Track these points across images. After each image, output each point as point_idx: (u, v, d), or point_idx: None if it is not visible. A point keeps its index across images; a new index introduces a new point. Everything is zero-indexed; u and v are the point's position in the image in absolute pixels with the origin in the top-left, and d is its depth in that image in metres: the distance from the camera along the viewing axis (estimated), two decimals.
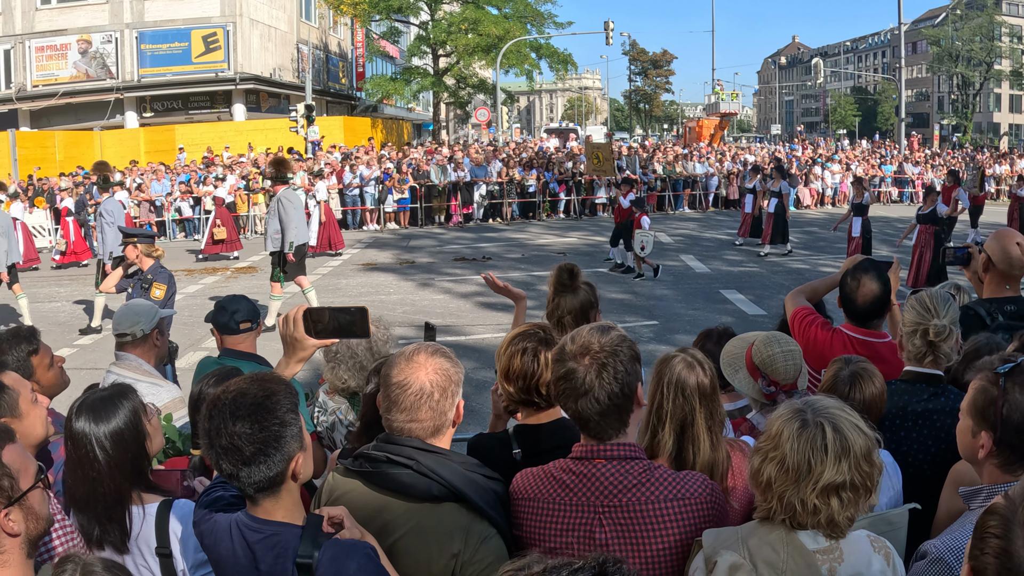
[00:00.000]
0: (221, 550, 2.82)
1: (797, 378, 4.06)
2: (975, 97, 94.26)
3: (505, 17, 50.64)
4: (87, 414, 3.44)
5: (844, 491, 2.58)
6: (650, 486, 2.93)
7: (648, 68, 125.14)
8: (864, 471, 2.60)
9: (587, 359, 2.91)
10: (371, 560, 2.68)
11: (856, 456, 2.59)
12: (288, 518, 2.75)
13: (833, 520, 2.60)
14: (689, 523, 2.92)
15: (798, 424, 2.65)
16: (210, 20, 44.74)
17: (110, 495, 3.40)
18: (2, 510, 2.45)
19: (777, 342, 4.11)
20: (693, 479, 3.00)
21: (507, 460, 3.58)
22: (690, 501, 2.94)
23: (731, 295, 17.96)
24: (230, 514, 2.85)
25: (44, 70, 44.51)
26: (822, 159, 41.41)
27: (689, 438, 3.32)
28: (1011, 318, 4.99)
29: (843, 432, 2.61)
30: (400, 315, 15.69)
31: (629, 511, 2.91)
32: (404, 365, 3.00)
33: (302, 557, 2.62)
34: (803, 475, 2.58)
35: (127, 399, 3.54)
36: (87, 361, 12.82)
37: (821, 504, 2.58)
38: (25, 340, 4.57)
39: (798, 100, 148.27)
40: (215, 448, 2.68)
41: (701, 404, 3.33)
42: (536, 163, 34.81)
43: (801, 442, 2.61)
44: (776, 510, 2.65)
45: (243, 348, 5.29)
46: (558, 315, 5.00)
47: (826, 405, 2.71)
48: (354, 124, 48.87)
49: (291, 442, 2.69)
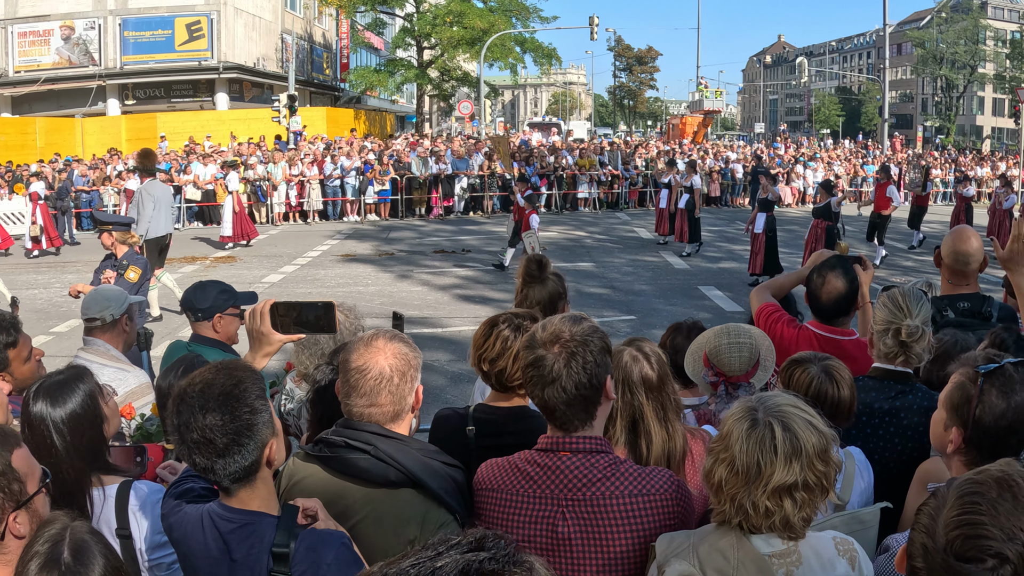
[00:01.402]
0: (191, 543, 2.79)
1: (748, 372, 4.04)
2: (959, 100, 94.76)
3: (490, 10, 50.72)
4: (43, 398, 3.40)
5: (797, 491, 2.51)
6: (615, 480, 2.90)
7: (633, 64, 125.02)
8: (818, 470, 2.53)
9: (556, 347, 2.88)
10: (348, 549, 2.68)
11: (808, 455, 2.51)
12: (263, 507, 2.74)
13: (788, 522, 2.54)
14: (653, 519, 2.90)
15: (748, 424, 2.58)
16: (194, 8, 44.64)
17: (70, 479, 3.37)
18: (11, 513, 2.47)
19: (727, 333, 4.07)
20: (659, 474, 2.97)
21: (461, 436, 3.63)
22: (654, 497, 2.91)
23: (709, 291, 18.03)
24: (201, 505, 2.82)
25: (26, 56, 44.37)
26: (804, 158, 41.53)
27: (641, 432, 3.32)
28: (964, 315, 5.00)
29: (794, 431, 2.53)
30: (377, 306, 15.68)
31: (593, 505, 2.88)
32: (363, 350, 2.99)
33: (278, 547, 2.61)
34: (753, 477, 2.51)
35: (83, 382, 3.50)
36: (62, 349, 12.77)
37: (773, 506, 2.52)
38: (4, 331, 4.49)
39: (782, 99, 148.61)
40: (187, 443, 2.66)
41: (648, 397, 3.33)
42: (518, 156, 34.81)
43: (750, 443, 2.54)
44: (729, 513, 2.59)
45: (210, 335, 5.26)
46: (526, 306, 5.00)
47: (778, 403, 2.63)
48: (337, 115, 48.76)
49: (263, 429, 2.68)
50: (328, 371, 3.66)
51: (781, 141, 53.07)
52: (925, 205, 26.54)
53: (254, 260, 22.52)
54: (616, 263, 21.65)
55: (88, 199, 29.78)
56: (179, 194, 30.36)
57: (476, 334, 3.78)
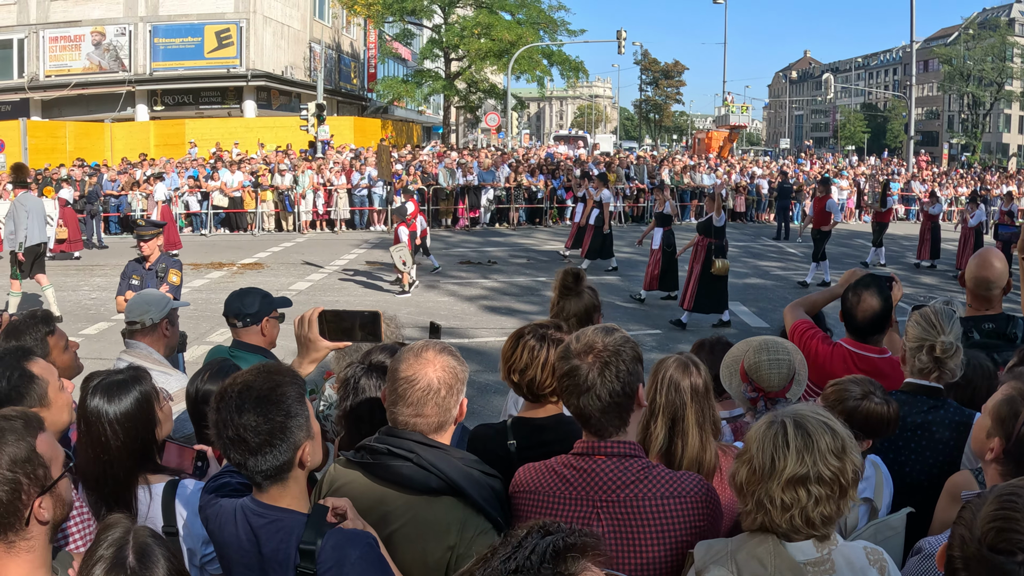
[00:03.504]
0: (225, 534, 2.87)
1: (785, 387, 4.08)
2: (985, 117, 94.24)
3: (518, 23, 50.72)
4: (101, 395, 3.46)
5: (811, 484, 2.57)
6: (648, 483, 2.98)
7: (659, 78, 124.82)
8: (833, 465, 2.59)
9: (591, 357, 2.96)
10: (373, 549, 2.73)
11: (821, 451, 2.59)
12: (293, 505, 2.81)
13: (808, 517, 2.59)
14: (684, 521, 2.96)
15: (764, 426, 2.69)
16: (224, 16, 44.89)
17: (119, 477, 3.43)
18: (36, 498, 2.51)
19: (767, 349, 4.10)
20: (689, 478, 3.05)
21: (503, 451, 3.66)
22: (686, 499, 2.98)
23: (735, 307, 17.93)
24: (235, 499, 2.90)
25: (57, 60, 44.73)
26: (829, 175, 41.36)
27: (679, 432, 3.41)
28: (989, 336, 5.02)
29: (806, 428, 2.63)
30: (404, 316, 15.65)
31: (626, 507, 2.96)
32: (413, 360, 3.04)
33: (305, 543, 2.67)
34: (767, 472, 2.61)
35: (140, 383, 3.56)
36: (92, 351, 12.84)
37: (789, 499, 2.58)
38: (42, 322, 4.67)
39: (808, 115, 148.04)
40: (223, 439, 2.76)
41: (692, 400, 3.43)
42: (544, 169, 34.84)
43: (765, 441, 2.64)
44: (752, 511, 2.67)
45: (252, 341, 5.32)
46: (562, 318, 5.03)
47: (796, 408, 2.74)
48: (364, 125, 48.82)
49: (297, 432, 2.75)
50: (358, 370, 3.70)
51: (806, 157, 52.91)
52: (885, 221, 26.00)
53: (281, 267, 22.60)
54: (641, 276, 21.60)
55: (116, 203, 29.99)
56: (206, 200, 30.55)
57: (504, 347, 3.85)
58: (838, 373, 4.54)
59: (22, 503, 2.47)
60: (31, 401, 3.61)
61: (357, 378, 3.65)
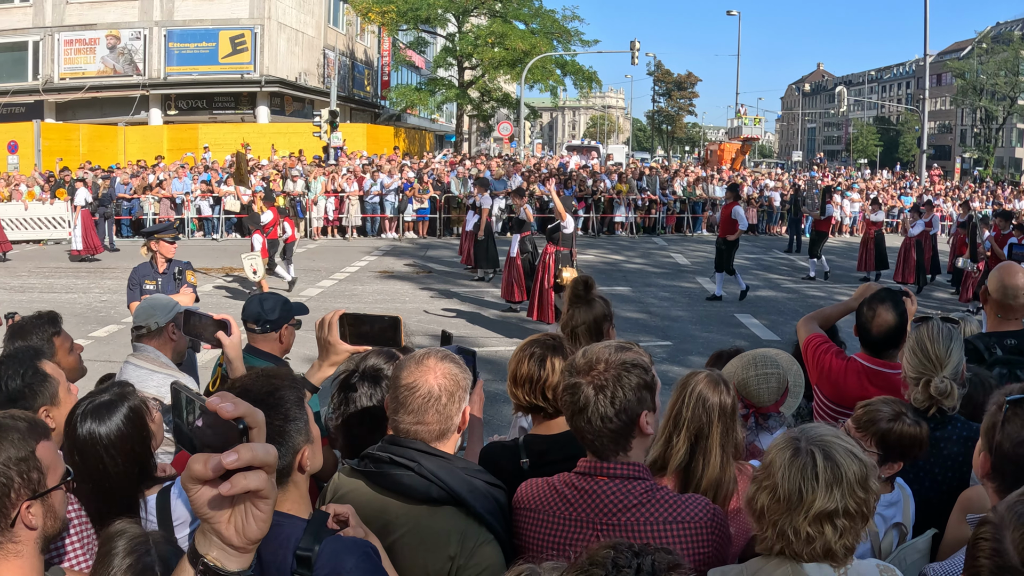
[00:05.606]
0: None
1: (778, 402, 4.03)
2: (998, 131, 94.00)
3: (532, 32, 50.75)
4: (91, 419, 3.41)
5: (837, 518, 2.51)
6: (651, 507, 2.88)
7: (672, 89, 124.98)
8: (859, 497, 2.53)
9: (589, 376, 2.87)
10: (369, 558, 2.69)
11: (849, 482, 2.52)
12: (293, 510, 2.76)
13: (830, 549, 2.53)
14: (689, 547, 2.86)
15: (790, 453, 2.59)
16: (238, 22, 45.02)
17: (122, 503, 3.39)
18: (26, 502, 2.49)
19: (754, 364, 4.07)
20: (695, 502, 2.95)
21: (516, 469, 3.60)
22: (691, 525, 2.88)
23: (746, 319, 17.93)
24: None
25: (72, 63, 44.93)
26: (841, 187, 41.27)
27: (702, 449, 3.33)
28: (1011, 352, 4.95)
29: (835, 459, 2.54)
30: (415, 324, 15.70)
31: (628, 531, 2.86)
32: (413, 368, 3.01)
33: (302, 550, 2.62)
34: (795, 504, 2.53)
35: (127, 400, 3.53)
36: (101, 353, 12.88)
37: (815, 532, 2.51)
38: (49, 322, 4.72)
39: (820, 128, 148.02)
40: None
41: (719, 419, 3.35)
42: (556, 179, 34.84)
43: (792, 471, 2.55)
44: (771, 540, 2.59)
45: (266, 348, 5.29)
46: (572, 326, 5.02)
47: (820, 433, 2.64)
48: (377, 132, 48.93)
49: (295, 436, 2.70)
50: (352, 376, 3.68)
51: (819, 170, 52.82)
52: (825, 230, 25.23)
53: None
54: (653, 288, 21.59)
55: (128, 207, 30.06)
56: (218, 205, 30.62)
57: (510, 362, 3.83)
58: (852, 388, 4.50)
59: (10, 501, 2.44)
60: (43, 399, 3.63)
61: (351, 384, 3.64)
